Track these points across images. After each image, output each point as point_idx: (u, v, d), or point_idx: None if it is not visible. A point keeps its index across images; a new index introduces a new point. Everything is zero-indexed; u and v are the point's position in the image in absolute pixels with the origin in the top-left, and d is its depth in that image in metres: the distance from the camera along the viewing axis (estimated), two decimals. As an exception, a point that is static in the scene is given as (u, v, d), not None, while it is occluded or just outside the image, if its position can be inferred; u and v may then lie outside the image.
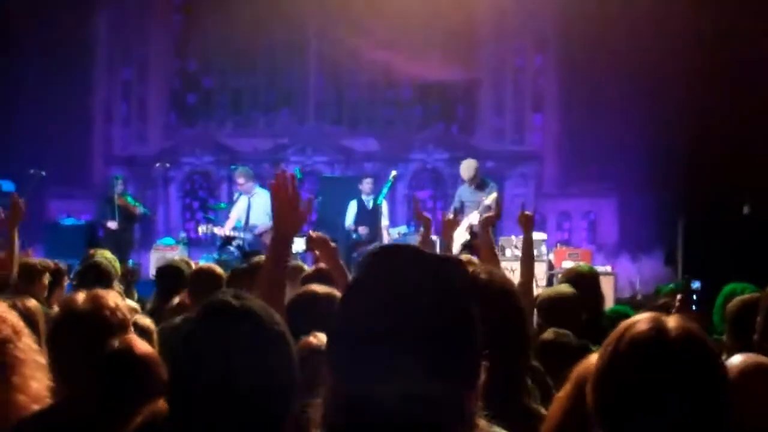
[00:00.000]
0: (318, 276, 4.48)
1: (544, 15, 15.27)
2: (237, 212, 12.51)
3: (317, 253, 3.91)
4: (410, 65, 15.17)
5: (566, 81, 14.77)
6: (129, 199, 13.50)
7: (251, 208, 12.40)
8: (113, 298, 2.99)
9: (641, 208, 13.53)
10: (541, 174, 15.26)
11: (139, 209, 13.51)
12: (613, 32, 13.15)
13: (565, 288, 5.03)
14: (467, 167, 11.71)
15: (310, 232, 4.04)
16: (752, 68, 11.93)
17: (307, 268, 6.23)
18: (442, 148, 15.72)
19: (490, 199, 11.27)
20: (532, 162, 15.33)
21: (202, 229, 12.76)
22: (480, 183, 11.71)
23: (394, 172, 12.48)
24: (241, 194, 12.61)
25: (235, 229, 12.44)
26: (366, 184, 12.51)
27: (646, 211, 13.35)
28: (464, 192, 11.79)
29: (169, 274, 6.00)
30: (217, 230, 12.50)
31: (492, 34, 15.55)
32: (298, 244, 10.16)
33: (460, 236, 11.10)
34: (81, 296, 2.96)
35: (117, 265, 6.92)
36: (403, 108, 16.03)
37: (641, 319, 1.84)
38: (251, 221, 12.35)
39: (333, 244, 3.97)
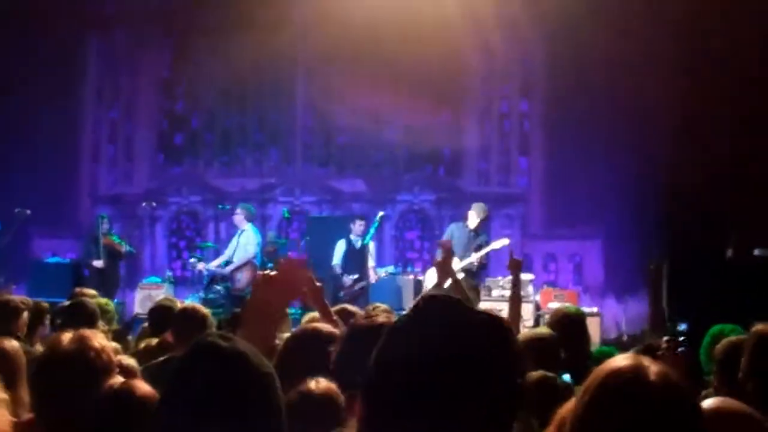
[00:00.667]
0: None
1: (531, 61, 15.45)
2: (229, 249, 12.66)
3: (303, 291, 3.87)
4: (398, 108, 15.26)
5: (552, 125, 14.89)
6: (114, 237, 13.45)
7: (238, 245, 12.48)
8: (99, 339, 2.98)
9: (626, 250, 13.57)
10: (527, 216, 15.33)
11: (125, 248, 13.45)
12: (599, 78, 13.28)
13: (543, 330, 5.07)
14: (480, 210, 11.67)
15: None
16: (737, 113, 12.07)
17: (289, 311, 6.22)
18: (429, 189, 15.78)
19: (500, 243, 11.27)
20: (518, 204, 15.40)
21: (192, 261, 12.86)
22: (478, 227, 11.66)
23: (381, 213, 12.50)
24: (239, 231, 12.74)
25: (219, 266, 12.50)
26: (358, 226, 12.43)
27: (632, 254, 13.40)
28: (457, 231, 11.68)
29: (160, 313, 6.00)
30: (200, 266, 12.52)
31: (479, 79, 15.69)
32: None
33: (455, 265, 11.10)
34: (67, 336, 2.95)
35: (111, 306, 6.89)
36: (390, 150, 16.11)
37: (621, 366, 1.82)
38: (235, 258, 12.40)
39: (319, 284, 3.94)
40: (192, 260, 12.90)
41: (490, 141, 15.79)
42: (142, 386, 2.72)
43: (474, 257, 11.14)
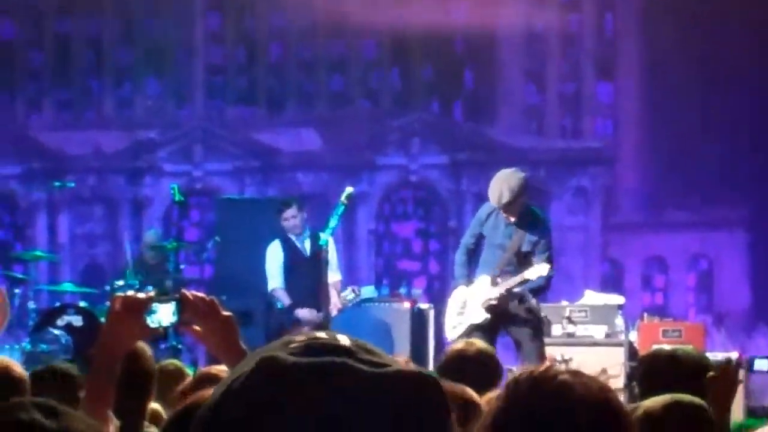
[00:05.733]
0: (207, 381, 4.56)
1: None
2: None
3: (197, 329, 3.83)
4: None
5: (653, 25, 14.94)
6: None
7: None
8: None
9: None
10: (613, 190, 15.32)
11: None
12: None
13: (690, 398, 5.14)
14: (500, 181, 11.54)
15: (185, 291, 3.95)
16: None
17: (189, 370, 6.29)
18: (435, 144, 15.80)
19: (536, 273, 11.35)
20: (597, 168, 15.35)
21: None
22: (523, 214, 11.59)
23: (348, 190, 12.53)
24: None
25: None
26: (291, 218, 12.52)
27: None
28: (489, 222, 11.70)
29: None
30: None
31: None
32: (164, 314, 10.20)
33: (482, 293, 11.28)
34: None
35: None
36: (366, 74, 16.18)
37: None
38: None
39: (227, 314, 3.92)
40: None
41: (544, 52, 15.82)
42: None
43: (513, 282, 11.30)
